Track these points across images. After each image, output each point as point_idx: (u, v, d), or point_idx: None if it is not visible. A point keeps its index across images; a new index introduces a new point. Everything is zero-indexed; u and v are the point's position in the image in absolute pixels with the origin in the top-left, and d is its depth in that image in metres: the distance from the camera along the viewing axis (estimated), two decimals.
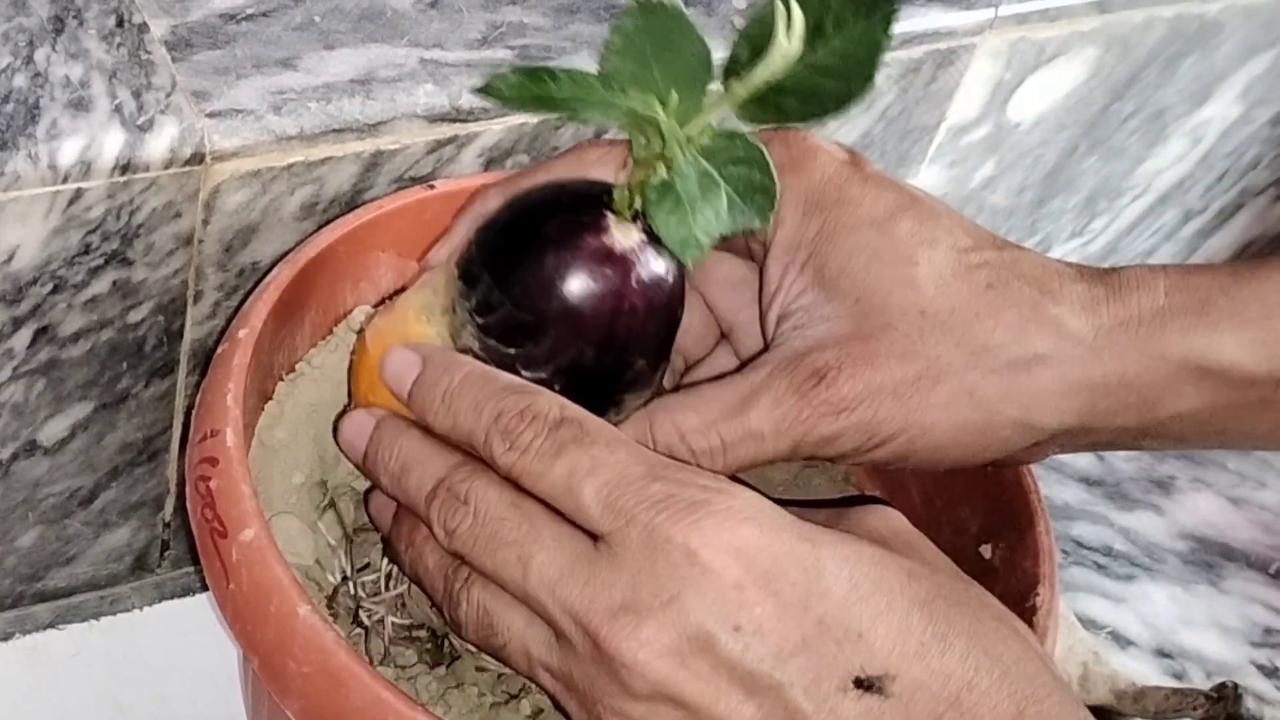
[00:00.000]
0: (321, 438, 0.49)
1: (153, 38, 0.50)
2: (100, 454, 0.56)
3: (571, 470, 0.39)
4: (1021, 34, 0.64)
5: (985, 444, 0.44)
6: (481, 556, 0.40)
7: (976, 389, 0.43)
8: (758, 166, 0.41)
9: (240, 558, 0.42)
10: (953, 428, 0.43)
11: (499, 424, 0.40)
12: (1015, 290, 0.44)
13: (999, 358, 0.43)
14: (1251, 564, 0.76)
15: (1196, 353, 0.44)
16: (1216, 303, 0.44)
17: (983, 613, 0.39)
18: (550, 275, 0.41)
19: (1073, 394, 0.44)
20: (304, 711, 0.41)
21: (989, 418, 0.43)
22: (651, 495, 0.38)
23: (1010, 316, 0.43)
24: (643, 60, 0.41)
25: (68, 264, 0.49)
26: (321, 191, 0.52)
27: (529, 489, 0.40)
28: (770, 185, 0.41)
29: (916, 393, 0.43)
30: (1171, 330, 0.44)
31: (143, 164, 0.47)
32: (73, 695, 0.58)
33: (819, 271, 0.44)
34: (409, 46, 0.53)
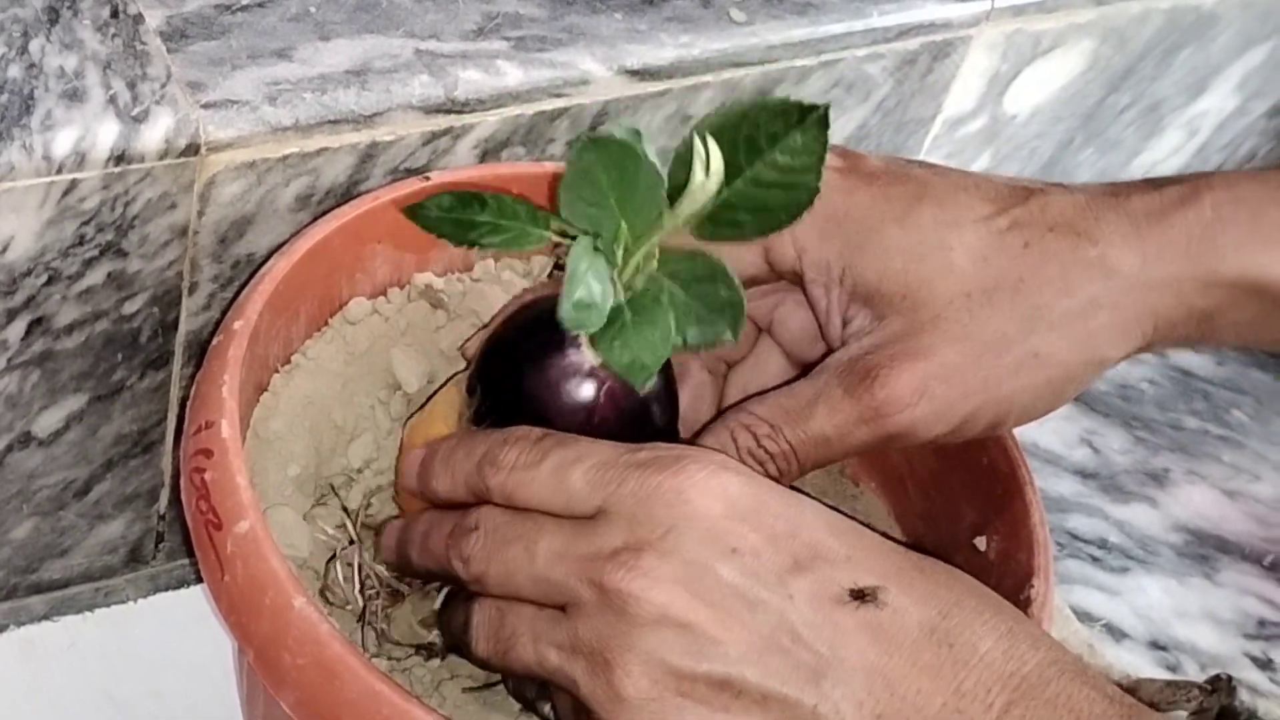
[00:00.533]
0: (317, 430, 0.49)
1: (147, 28, 0.50)
2: (95, 446, 0.55)
3: (559, 464, 0.41)
4: (1018, 26, 0.64)
5: (1067, 390, 0.45)
6: (493, 562, 0.41)
7: (1041, 350, 0.44)
8: (722, 282, 0.44)
9: (235, 550, 0.42)
10: (1032, 390, 0.44)
11: (488, 457, 0.42)
12: (1051, 243, 0.44)
13: (1054, 313, 0.44)
14: (1246, 556, 0.76)
15: (1251, 270, 0.44)
16: (1268, 214, 0.44)
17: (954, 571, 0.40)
18: (525, 390, 0.44)
19: (1134, 325, 0.44)
20: (299, 703, 0.41)
21: (1062, 370, 0.44)
22: (637, 461, 0.40)
23: (1053, 270, 0.44)
24: (598, 191, 0.42)
25: (62, 255, 0.49)
26: (317, 183, 0.52)
27: (524, 502, 0.41)
28: (737, 300, 0.43)
29: (982, 369, 0.44)
30: (1225, 248, 0.44)
31: (137, 155, 0.47)
32: (67, 687, 0.58)
33: (859, 283, 0.45)
34: (404, 37, 0.53)
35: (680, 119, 0.58)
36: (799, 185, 0.43)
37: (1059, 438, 0.79)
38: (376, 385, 0.51)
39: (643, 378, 0.43)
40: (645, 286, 0.44)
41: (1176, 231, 0.44)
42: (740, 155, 0.43)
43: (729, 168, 0.43)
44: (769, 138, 0.43)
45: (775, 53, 0.58)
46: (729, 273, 0.44)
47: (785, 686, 0.37)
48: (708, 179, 0.42)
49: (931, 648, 0.37)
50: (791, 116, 0.42)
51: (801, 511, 0.39)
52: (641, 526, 0.38)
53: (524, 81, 0.53)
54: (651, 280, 0.44)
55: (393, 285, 0.53)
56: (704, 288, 0.44)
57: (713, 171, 0.42)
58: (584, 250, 0.42)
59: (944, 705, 0.36)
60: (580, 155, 0.42)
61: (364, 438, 0.50)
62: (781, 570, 0.38)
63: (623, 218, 0.43)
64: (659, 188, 0.42)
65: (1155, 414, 0.81)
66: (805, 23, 0.58)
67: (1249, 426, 0.82)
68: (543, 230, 0.44)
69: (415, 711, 0.39)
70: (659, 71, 0.56)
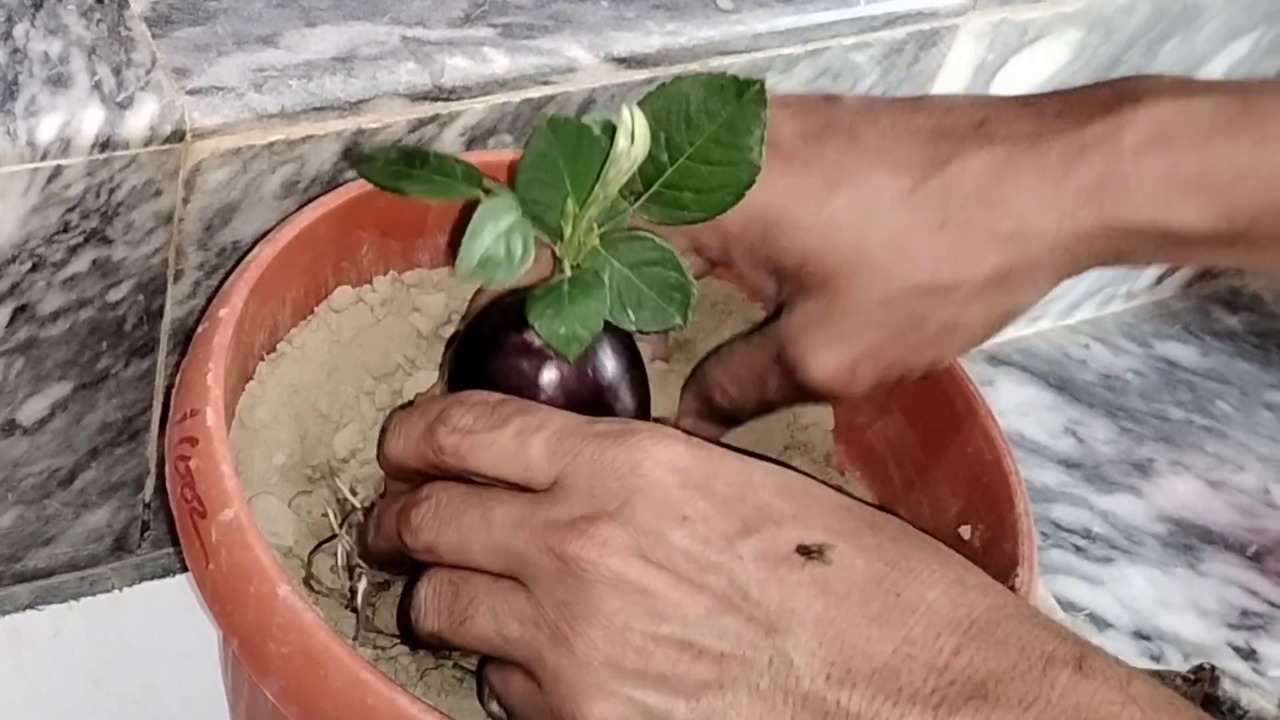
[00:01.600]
0: (302, 418, 0.49)
1: (132, 14, 0.49)
2: (80, 434, 0.55)
3: (521, 430, 0.41)
4: (1004, 15, 0.64)
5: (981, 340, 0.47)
6: (444, 531, 0.41)
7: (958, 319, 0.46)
8: (671, 265, 0.44)
9: (220, 538, 0.42)
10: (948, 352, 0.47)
11: (441, 417, 0.42)
12: (967, 218, 0.45)
13: (970, 287, 0.45)
14: (1229, 547, 0.76)
15: (1161, 220, 0.45)
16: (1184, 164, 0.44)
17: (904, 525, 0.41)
18: (482, 369, 0.45)
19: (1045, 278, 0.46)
20: (283, 692, 0.41)
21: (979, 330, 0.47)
22: (594, 433, 0.40)
23: (969, 247, 0.45)
24: (554, 172, 0.43)
25: (46, 242, 0.49)
26: (303, 170, 0.52)
27: (477, 465, 0.42)
28: (685, 282, 0.44)
29: (902, 345, 0.46)
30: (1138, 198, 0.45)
31: (122, 141, 0.47)
32: (53, 676, 0.57)
33: (780, 268, 0.47)
34: (391, 24, 0.53)
35: None
36: (740, 162, 0.43)
37: (1043, 428, 0.79)
38: (362, 374, 0.51)
39: (575, 349, 0.43)
40: (589, 264, 0.44)
41: (1091, 183, 0.45)
42: (681, 134, 0.43)
43: (670, 146, 0.43)
44: (708, 115, 0.43)
45: (762, 41, 0.58)
46: (677, 257, 0.44)
47: (740, 645, 0.38)
48: (631, 145, 0.42)
49: (880, 597, 0.38)
50: (729, 92, 0.43)
51: (750, 476, 0.40)
52: (598, 498, 0.39)
53: (511, 69, 0.53)
54: (594, 256, 0.44)
55: (378, 273, 0.53)
56: (653, 271, 0.44)
57: (637, 139, 0.42)
58: (500, 208, 0.43)
59: (894, 652, 0.37)
60: (538, 137, 0.43)
61: (350, 427, 0.50)
62: (730, 533, 0.38)
63: (572, 194, 0.43)
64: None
65: (1140, 404, 0.82)
66: (792, 11, 0.58)
67: (1233, 417, 0.83)
68: (473, 188, 0.44)
69: (400, 700, 0.39)
70: (646, 59, 0.55)
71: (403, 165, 0.44)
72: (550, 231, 0.44)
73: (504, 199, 0.43)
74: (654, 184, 0.44)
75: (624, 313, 0.45)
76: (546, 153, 0.43)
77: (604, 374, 0.45)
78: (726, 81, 0.43)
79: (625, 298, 0.44)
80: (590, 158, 0.43)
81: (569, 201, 0.43)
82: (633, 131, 0.42)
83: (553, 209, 0.43)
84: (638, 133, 0.42)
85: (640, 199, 0.44)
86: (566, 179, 0.43)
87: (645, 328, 0.45)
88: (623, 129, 0.42)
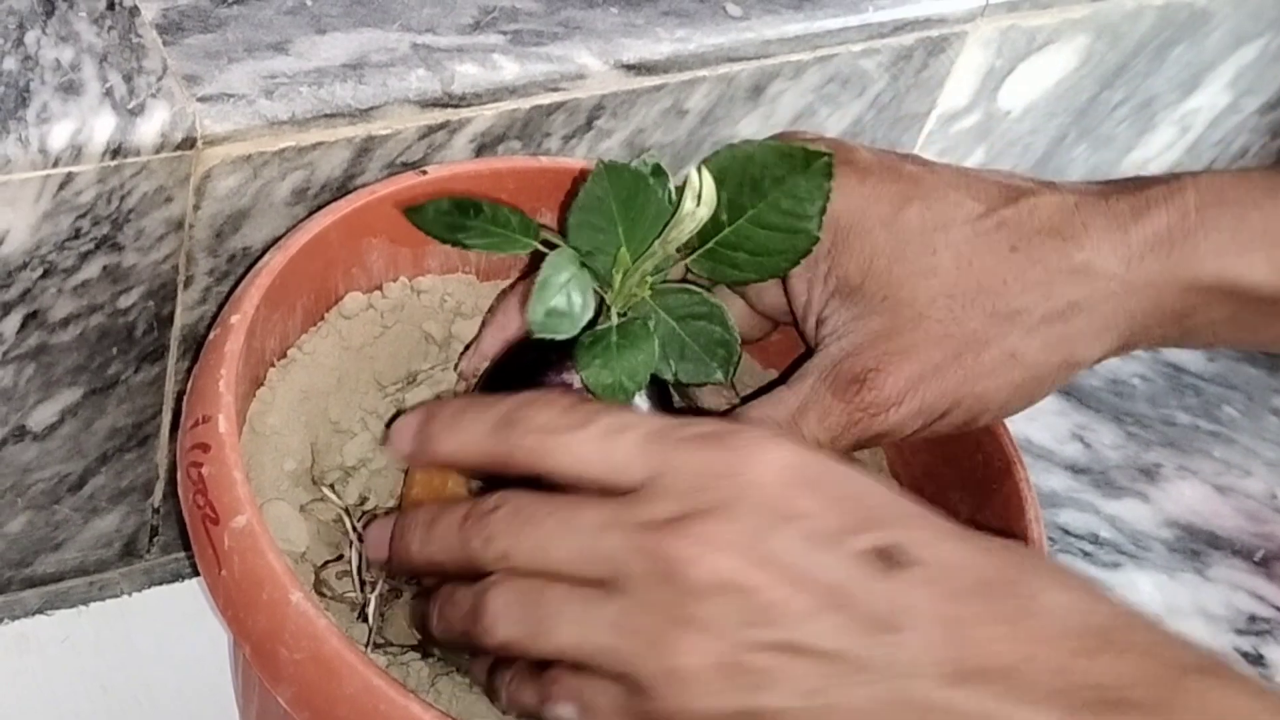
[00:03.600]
0: (313, 424, 0.49)
1: (144, 21, 0.50)
2: (89, 439, 0.55)
3: (608, 429, 0.39)
4: (1012, 21, 0.64)
5: (1038, 391, 0.46)
6: (523, 537, 0.39)
7: (1018, 350, 0.45)
8: (717, 321, 0.45)
9: (232, 544, 0.42)
10: (1005, 389, 0.45)
11: (508, 418, 0.40)
12: (1038, 245, 0.44)
13: (1034, 316, 0.44)
14: (1236, 552, 0.76)
15: (1229, 273, 0.45)
16: (1248, 218, 0.45)
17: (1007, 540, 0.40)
18: None
19: (1111, 327, 0.45)
20: (295, 698, 0.41)
21: (1036, 371, 0.45)
22: (691, 435, 0.39)
23: (1037, 274, 0.44)
24: (607, 217, 0.43)
25: (58, 249, 0.49)
26: (313, 177, 0.52)
27: (557, 464, 0.39)
28: (730, 340, 0.45)
29: (960, 368, 0.44)
30: (1205, 251, 0.45)
31: (134, 148, 0.47)
32: (61, 681, 0.57)
33: (843, 280, 0.45)
34: (401, 31, 0.53)
35: (676, 113, 0.58)
36: (800, 230, 0.44)
37: (1050, 433, 0.79)
38: (372, 380, 0.51)
39: (620, 400, 0.43)
40: (636, 313, 0.44)
41: (1160, 234, 0.45)
42: (744, 195, 0.44)
43: (732, 207, 0.44)
44: (773, 180, 0.43)
45: (771, 48, 0.58)
46: (725, 313, 0.45)
47: (852, 644, 0.36)
48: (698, 208, 0.42)
49: (998, 599, 0.37)
50: (798, 161, 0.43)
51: (855, 480, 0.39)
52: (697, 497, 0.37)
53: (520, 76, 0.53)
54: (643, 307, 0.44)
55: (388, 279, 0.53)
56: (699, 325, 0.45)
57: (703, 201, 0.42)
58: (564, 260, 0.43)
59: (1018, 653, 0.36)
60: (594, 180, 0.43)
61: (360, 435, 0.50)
62: (839, 532, 0.37)
63: (625, 244, 0.43)
64: (665, 219, 0.43)
65: (1147, 409, 0.82)
66: (801, 18, 0.58)
67: (1240, 422, 0.83)
68: (529, 239, 0.44)
69: (413, 707, 0.39)
70: (655, 66, 0.56)
71: (457, 216, 0.44)
72: (600, 278, 0.44)
73: (566, 252, 0.43)
74: (709, 241, 0.44)
75: (665, 363, 0.45)
76: (602, 198, 0.43)
77: None
78: (795, 150, 0.43)
79: (669, 349, 0.45)
80: (644, 205, 0.43)
81: (622, 251, 0.43)
82: (700, 194, 0.42)
83: (604, 255, 0.43)
84: (705, 196, 0.42)
85: (694, 254, 0.44)
86: (620, 227, 0.43)
87: (685, 380, 0.45)
88: (690, 190, 0.42)
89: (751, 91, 0.59)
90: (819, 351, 0.46)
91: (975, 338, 0.44)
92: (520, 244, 0.44)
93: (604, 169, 0.43)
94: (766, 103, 0.60)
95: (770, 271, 0.45)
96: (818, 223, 0.44)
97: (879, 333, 0.45)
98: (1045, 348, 0.45)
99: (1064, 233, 0.45)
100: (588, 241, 0.43)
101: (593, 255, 0.43)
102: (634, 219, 0.43)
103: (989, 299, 0.44)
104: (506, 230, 0.44)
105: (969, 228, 0.45)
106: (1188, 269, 0.45)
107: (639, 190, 0.43)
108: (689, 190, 0.42)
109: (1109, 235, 0.45)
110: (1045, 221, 0.45)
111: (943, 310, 0.44)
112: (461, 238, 0.45)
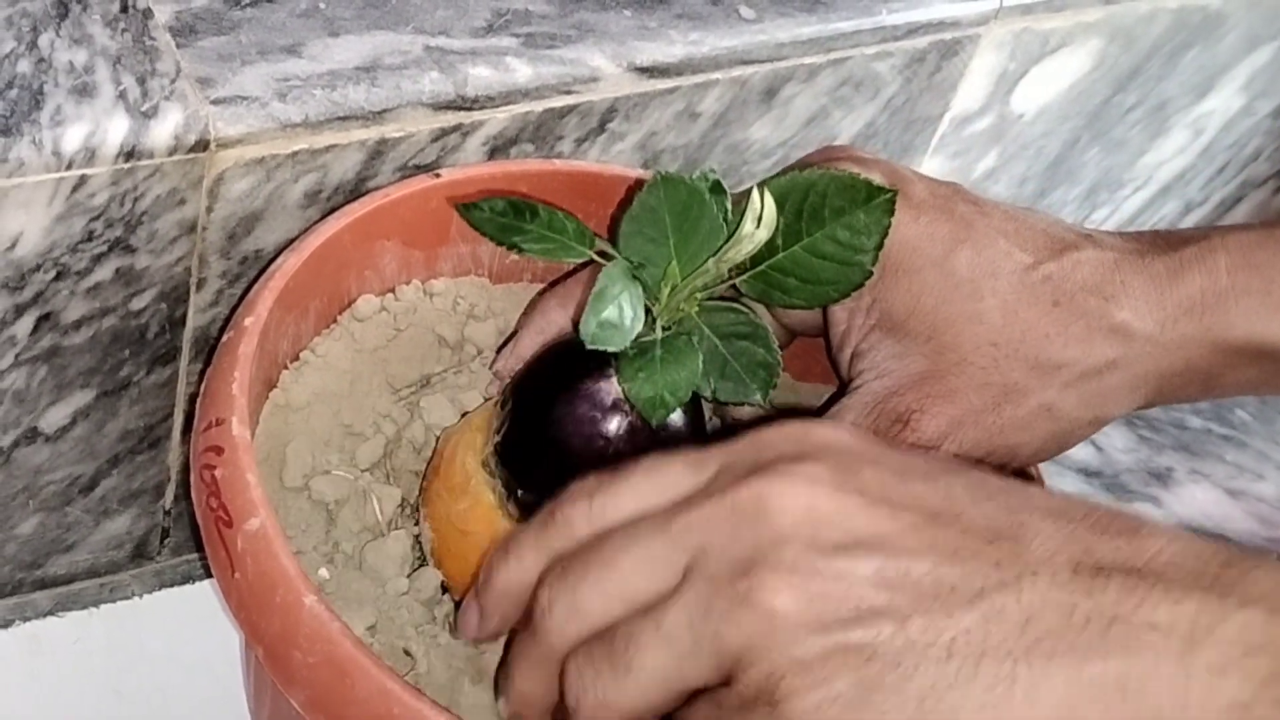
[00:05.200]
0: (326, 427, 0.49)
1: (157, 23, 0.50)
2: (101, 441, 0.55)
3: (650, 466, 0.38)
4: (1026, 25, 0.64)
5: (1066, 444, 0.47)
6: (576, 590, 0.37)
7: (1054, 405, 0.45)
8: (761, 343, 0.45)
9: (246, 547, 0.42)
10: (1037, 441, 0.46)
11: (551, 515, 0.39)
12: (1080, 302, 0.45)
13: (1073, 371, 0.45)
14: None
15: (1259, 336, 0.45)
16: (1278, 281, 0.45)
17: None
18: (550, 410, 0.44)
19: (1142, 386, 0.46)
20: (309, 701, 0.41)
21: (1070, 425, 0.46)
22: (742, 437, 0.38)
23: (1078, 330, 0.45)
24: (660, 229, 0.43)
25: (71, 251, 0.49)
26: (326, 179, 0.52)
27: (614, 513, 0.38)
28: (772, 362, 0.45)
29: (998, 417, 0.45)
30: (1235, 314, 0.45)
31: (147, 151, 0.47)
32: (72, 682, 0.57)
33: (887, 315, 0.46)
34: (414, 34, 0.53)
35: (689, 116, 0.58)
36: (854, 263, 0.44)
37: None
38: (385, 383, 0.51)
39: (661, 415, 0.43)
40: (681, 328, 0.44)
41: (1193, 297, 0.45)
42: (802, 222, 0.44)
43: (788, 232, 0.44)
44: (833, 211, 0.43)
45: (784, 50, 0.58)
46: (769, 335, 0.45)
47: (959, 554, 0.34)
48: (757, 230, 0.42)
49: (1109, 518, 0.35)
50: (860, 194, 0.43)
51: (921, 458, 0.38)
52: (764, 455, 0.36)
53: (533, 78, 0.53)
54: (689, 322, 0.44)
55: (401, 282, 0.53)
56: (742, 345, 0.45)
57: (763, 223, 0.42)
58: (619, 273, 0.43)
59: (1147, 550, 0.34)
60: (650, 191, 0.43)
61: (373, 439, 0.49)
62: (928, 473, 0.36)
63: (676, 257, 0.43)
64: (718, 236, 0.43)
65: (1158, 413, 0.81)
66: (814, 20, 0.58)
67: (1252, 426, 0.82)
68: (584, 248, 0.44)
69: (426, 710, 0.39)
70: (668, 69, 0.55)
71: (513, 219, 0.44)
72: (647, 290, 0.44)
73: (621, 264, 0.43)
74: (762, 263, 0.44)
75: (705, 380, 0.45)
76: (656, 209, 0.43)
77: (672, 432, 0.44)
78: (859, 183, 0.44)
79: (710, 366, 0.44)
80: (698, 220, 0.43)
81: (672, 265, 0.43)
82: (760, 216, 0.42)
83: (655, 268, 0.43)
84: (766, 218, 0.42)
85: (745, 274, 0.44)
86: (671, 240, 0.43)
87: (724, 399, 0.45)
88: (750, 212, 0.42)
89: (764, 94, 0.59)
90: (858, 387, 0.46)
91: (1015, 388, 0.45)
92: (576, 252, 0.44)
93: (660, 180, 0.42)
94: (779, 105, 0.60)
95: (820, 300, 0.45)
96: (873, 257, 0.44)
97: (923, 374, 0.45)
98: (1080, 403, 0.45)
99: (1104, 291, 0.45)
100: (638, 252, 0.43)
101: (642, 267, 0.43)
102: (687, 233, 0.43)
103: (1031, 351, 0.45)
104: (563, 237, 0.44)
105: (1016, 278, 0.45)
106: (1217, 330, 0.46)
107: (694, 204, 0.42)
108: (750, 211, 0.42)
109: (1146, 296, 0.46)
110: (1087, 278, 0.45)
111: (986, 358, 0.45)
112: (518, 240, 0.44)
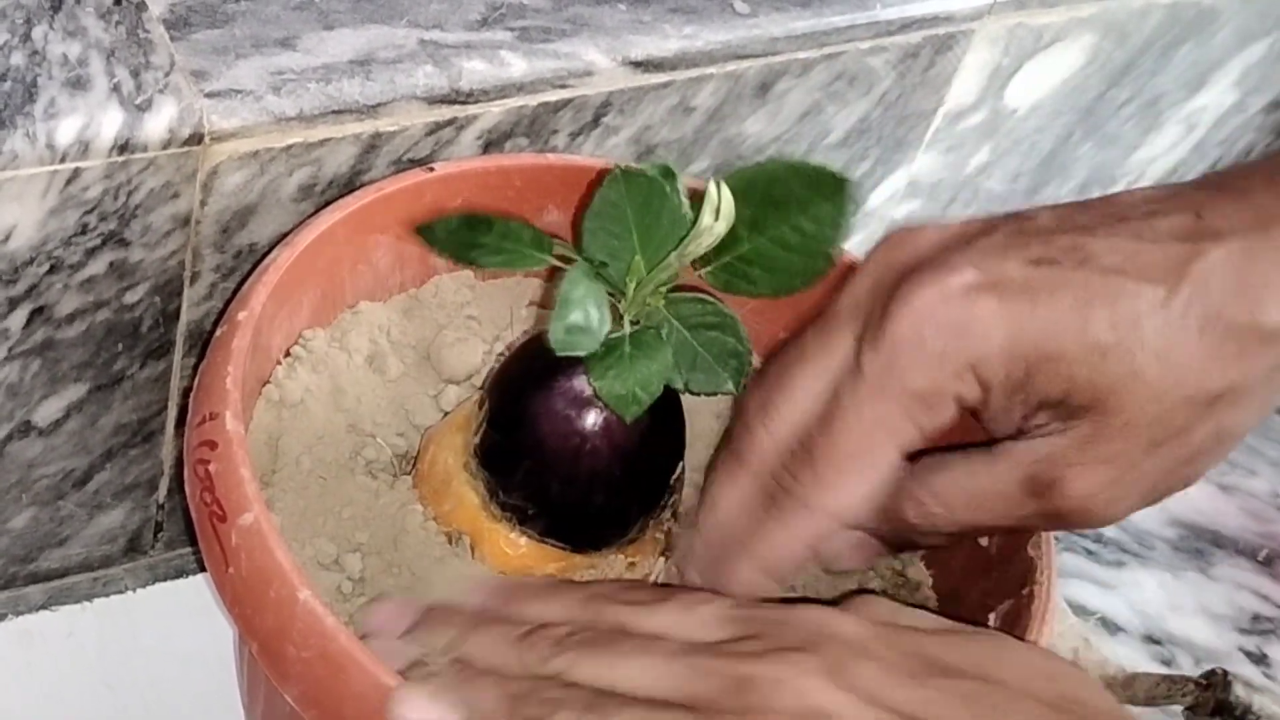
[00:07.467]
0: (319, 423, 0.49)
1: (151, 16, 0.49)
2: (95, 435, 0.55)
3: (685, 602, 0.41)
4: (1019, 20, 0.64)
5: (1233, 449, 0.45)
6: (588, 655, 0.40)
7: (1221, 428, 0.44)
8: (730, 332, 0.44)
9: (240, 542, 0.42)
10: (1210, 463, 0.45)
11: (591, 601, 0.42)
12: (1227, 319, 0.43)
13: (1236, 393, 0.43)
14: (1240, 551, 0.76)
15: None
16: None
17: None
18: (526, 409, 0.45)
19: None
20: (303, 696, 0.41)
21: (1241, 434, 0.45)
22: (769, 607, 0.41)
23: (1231, 350, 0.43)
24: (623, 223, 0.43)
25: (64, 244, 0.49)
26: (320, 173, 0.52)
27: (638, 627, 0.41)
28: (743, 351, 0.44)
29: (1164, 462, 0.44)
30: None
31: (141, 144, 0.47)
32: (65, 677, 0.57)
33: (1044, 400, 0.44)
34: (409, 27, 0.53)
35: (683, 111, 0.58)
36: (817, 254, 0.44)
37: None
38: (378, 382, 0.51)
39: (635, 411, 0.43)
40: (649, 322, 0.44)
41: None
42: (765, 214, 0.44)
43: (752, 224, 0.43)
44: (797, 202, 0.43)
45: (778, 45, 0.58)
46: (738, 324, 0.45)
47: None
48: (715, 222, 0.42)
49: None
50: (825, 185, 0.43)
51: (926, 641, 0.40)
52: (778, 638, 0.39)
53: (528, 72, 0.53)
54: (656, 315, 0.44)
55: (395, 276, 0.53)
56: (711, 335, 0.44)
57: (721, 215, 0.42)
58: (581, 275, 0.43)
59: None
60: (610, 185, 0.43)
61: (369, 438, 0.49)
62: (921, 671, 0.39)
63: (641, 252, 0.43)
64: (681, 227, 0.43)
65: None
66: (808, 15, 0.58)
67: None
68: (543, 254, 0.44)
69: None
70: (662, 63, 0.55)
71: (467, 233, 0.44)
72: (613, 285, 0.44)
73: (582, 266, 0.43)
74: (725, 255, 0.44)
75: (676, 372, 0.45)
76: (617, 204, 0.43)
77: (648, 425, 0.45)
78: (824, 174, 0.44)
79: (681, 358, 0.44)
80: (659, 213, 0.43)
81: (637, 259, 0.43)
82: (719, 208, 0.42)
83: (619, 263, 0.43)
84: (724, 210, 0.42)
85: (708, 266, 0.44)
86: (635, 235, 0.43)
87: (696, 390, 0.45)
88: (708, 204, 0.42)
89: (758, 89, 0.59)
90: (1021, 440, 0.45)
91: (1179, 431, 0.43)
92: (534, 259, 0.44)
93: (620, 175, 0.42)
94: (773, 100, 0.60)
95: (784, 290, 0.44)
96: (836, 248, 0.44)
97: (1087, 437, 0.43)
98: (1248, 415, 0.44)
99: (1245, 296, 0.43)
100: (602, 249, 0.43)
101: (606, 264, 0.43)
102: (649, 226, 0.43)
103: (1189, 390, 0.43)
104: (519, 245, 0.44)
105: (1158, 319, 0.42)
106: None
107: (654, 197, 0.42)
108: (707, 204, 0.42)
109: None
110: (1225, 288, 0.43)
111: (1151, 412, 0.43)
112: (475, 256, 0.44)
